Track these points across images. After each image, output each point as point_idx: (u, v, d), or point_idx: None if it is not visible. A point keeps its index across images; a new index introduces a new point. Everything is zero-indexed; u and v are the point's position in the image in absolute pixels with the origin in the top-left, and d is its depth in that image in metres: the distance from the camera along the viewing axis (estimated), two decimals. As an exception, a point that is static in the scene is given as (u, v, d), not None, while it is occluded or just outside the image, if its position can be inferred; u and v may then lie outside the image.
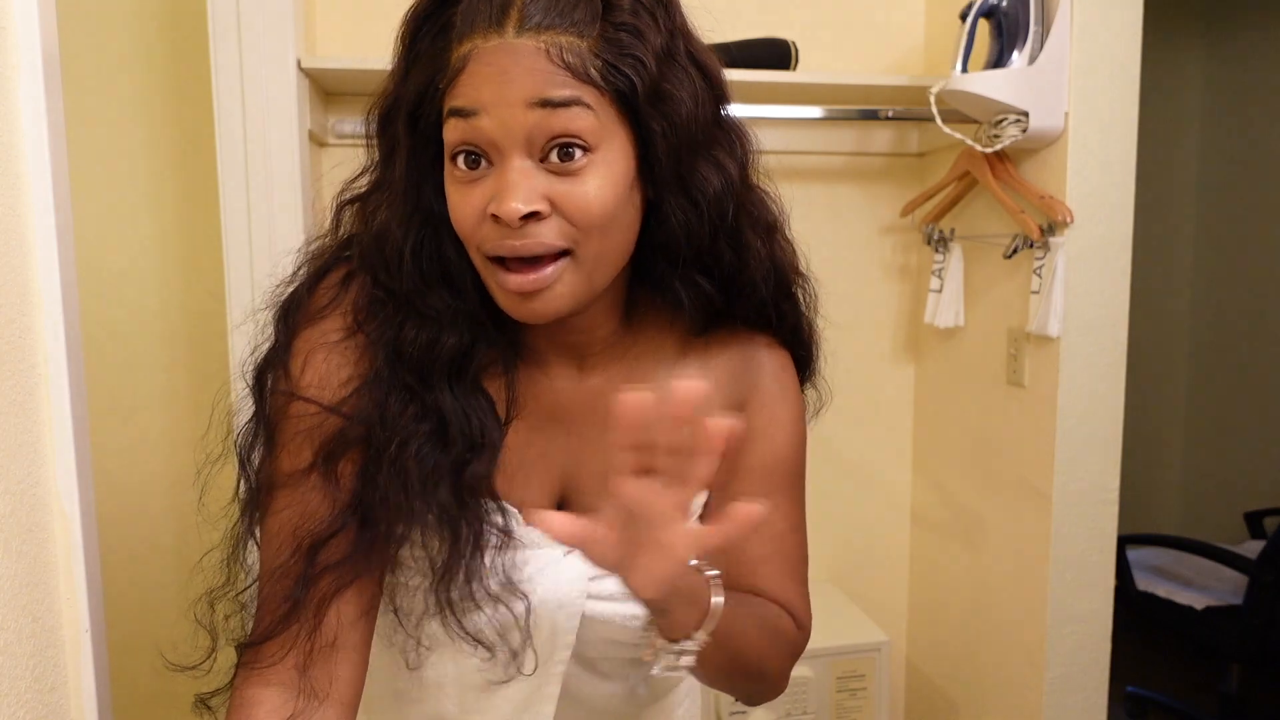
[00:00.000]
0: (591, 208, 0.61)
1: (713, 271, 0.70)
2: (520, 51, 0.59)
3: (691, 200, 0.66)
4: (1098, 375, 1.52)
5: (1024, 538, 1.62)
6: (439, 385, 0.67)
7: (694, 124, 0.64)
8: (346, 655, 0.66)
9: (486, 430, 0.69)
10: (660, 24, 0.63)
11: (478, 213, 0.62)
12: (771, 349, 0.79)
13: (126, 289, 1.65)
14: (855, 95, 1.68)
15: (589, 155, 0.61)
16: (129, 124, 1.62)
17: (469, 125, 0.61)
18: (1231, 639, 2.24)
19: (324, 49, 1.63)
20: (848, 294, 1.91)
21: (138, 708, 1.59)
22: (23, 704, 0.63)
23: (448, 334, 0.67)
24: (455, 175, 0.63)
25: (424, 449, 0.66)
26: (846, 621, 1.80)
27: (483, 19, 0.61)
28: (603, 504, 0.73)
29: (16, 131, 0.65)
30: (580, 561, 0.73)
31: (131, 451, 1.67)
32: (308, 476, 0.66)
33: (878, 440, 1.98)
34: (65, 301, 0.69)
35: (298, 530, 0.65)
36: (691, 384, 0.51)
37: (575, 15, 0.60)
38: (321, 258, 0.73)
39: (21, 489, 0.64)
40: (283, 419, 0.68)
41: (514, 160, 0.60)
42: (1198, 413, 3.38)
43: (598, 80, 0.60)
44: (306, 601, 0.64)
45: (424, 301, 0.67)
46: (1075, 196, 1.47)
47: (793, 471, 0.79)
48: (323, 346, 0.68)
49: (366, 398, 0.67)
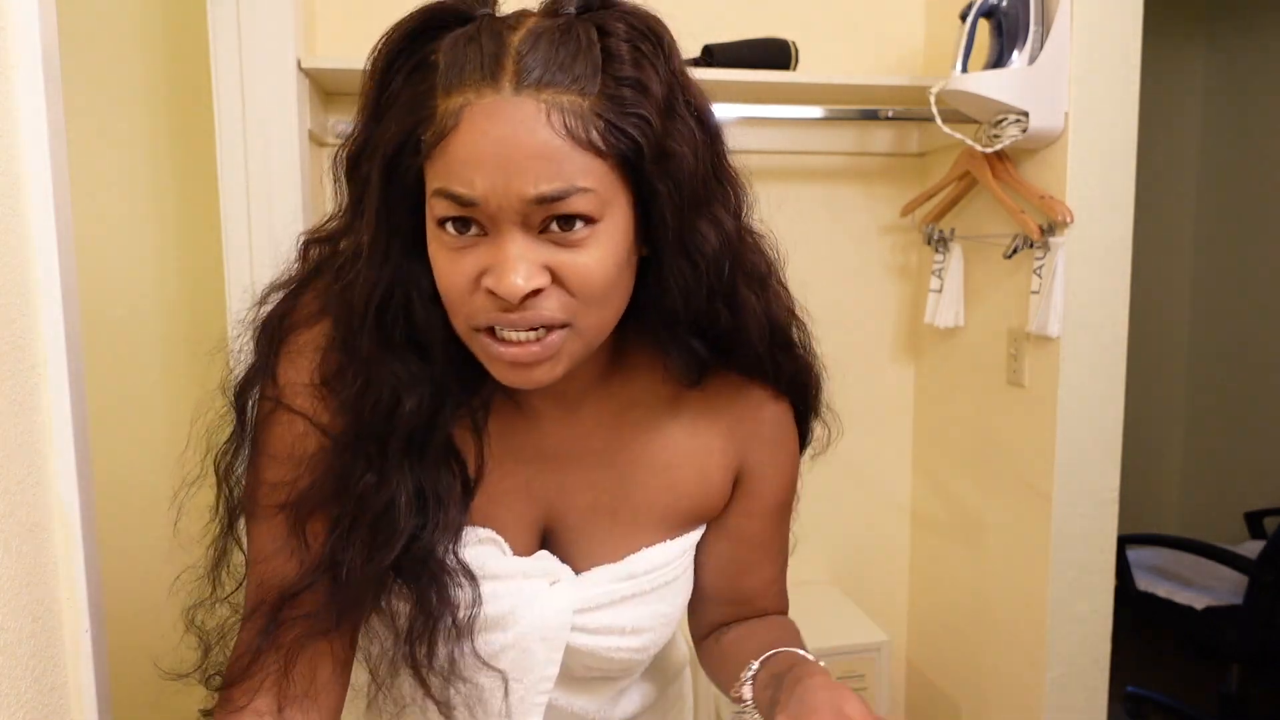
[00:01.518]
0: (593, 279, 0.58)
1: (708, 332, 0.68)
2: (519, 114, 0.54)
3: (690, 261, 0.63)
4: (1098, 375, 1.52)
5: (1024, 538, 1.62)
6: (397, 455, 0.64)
7: (695, 180, 0.61)
8: (321, 698, 0.65)
9: (445, 501, 0.66)
10: (660, 73, 0.59)
11: (469, 282, 0.58)
12: (774, 400, 0.78)
13: (126, 289, 1.65)
14: (855, 95, 1.68)
15: (591, 226, 0.58)
16: (129, 124, 1.62)
17: (463, 207, 0.56)
18: (1231, 639, 2.24)
19: (324, 49, 1.63)
20: (848, 294, 1.91)
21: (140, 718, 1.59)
22: (23, 704, 0.63)
23: (408, 399, 0.63)
24: (444, 240, 0.58)
25: (380, 521, 0.64)
26: (846, 621, 1.80)
27: (474, 69, 0.55)
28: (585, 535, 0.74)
29: (16, 131, 0.65)
30: (567, 593, 0.72)
31: (132, 451, 1.66)
32: (279, 520, 0.65)
33: (878, 440, 1.98)
34: (65, 301, 0.69)
35: (265, 580, 0.65)
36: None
37: (575, 70, 0.56)
38: (289, 285, 0.70)
39: (21, 489, 0.64)
40: (264, 441, 0.67)
41: (512, 233, 0.57)
42: (1198, 413, 3.38)
43: (600, 145, 0.56)
44: (274, 649, 0.63)
45: (384, 364, 0.63)
46: (1075, 196, 1.47)
47: (789, 505, 0.83)
48: (301, 385, 0.66)
49: (330, 460, 0.65)
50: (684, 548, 0.77)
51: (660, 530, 0.76)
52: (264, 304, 0.70)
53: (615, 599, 0.73)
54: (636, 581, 0.74)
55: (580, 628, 0.72)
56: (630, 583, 0.74)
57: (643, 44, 0.59)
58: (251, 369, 0.69)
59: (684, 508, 0.76)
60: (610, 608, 0.73)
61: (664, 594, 0.76)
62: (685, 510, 0.77)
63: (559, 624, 0.71)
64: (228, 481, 0.69)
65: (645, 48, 0.59)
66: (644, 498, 0.74)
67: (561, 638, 0.72)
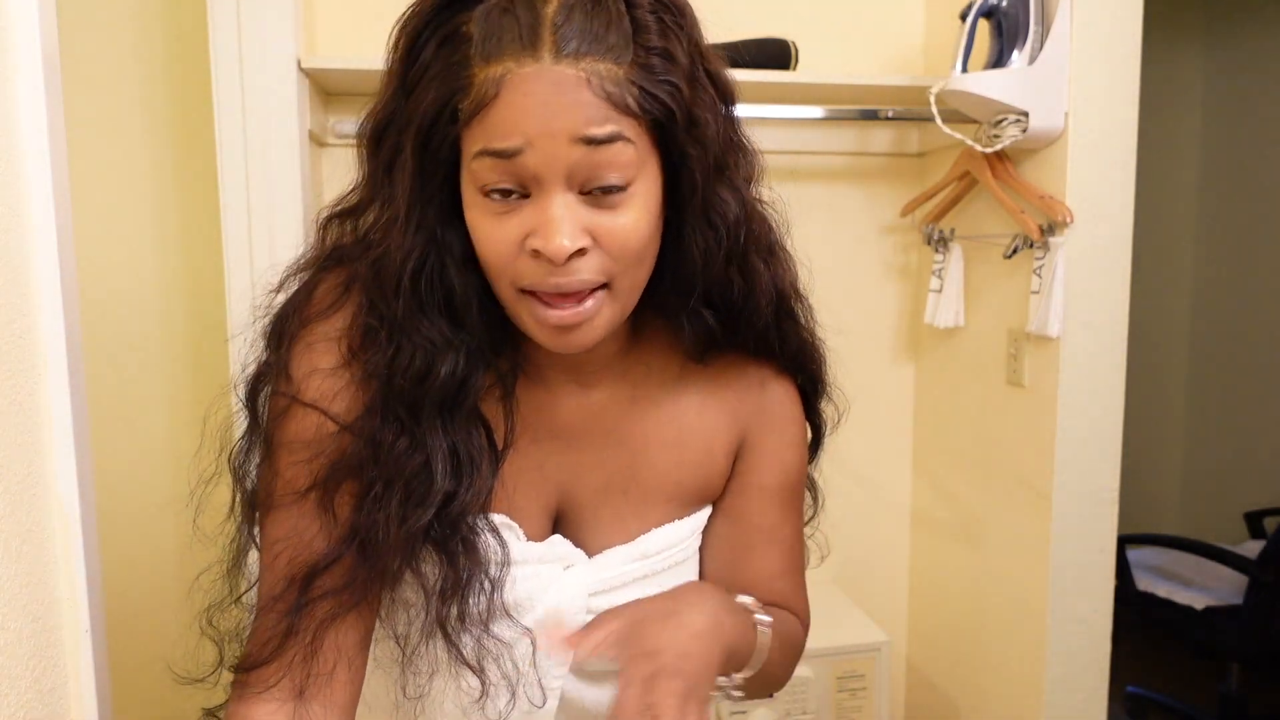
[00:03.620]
0: (630, 241, 0.61)
1: (719, 301, 0.70)
2: (562, 81, 0.57)
3: (712, 225, 0.65)
4: (1098, 375, 1.52)
5: (1024, 538, 1.62)
6: (430, 418, 0.65)
7: (717, 147, 0.64)
8: (342, 679, 0.65)
9: (478, 463, 0.67)
10: (683, 43, 0.62)
11: (513, 246, 0.60)
12: (776, 376, 0.79)
13: (126, 289, 1.65)
14: (855, 95, 1.68)
15: (628, 188, 0.60)
16: (129, 124, 1.62)
17: (509, 163, 0.58)
18: (1231, 639, 2.24)
19: (324, 49, 1.63)
20: (848, 294, 1.91)
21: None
22: (23, 704, 0.63)
23: (442, 364, 0.65)
24: (487, 206, 0.61)
25: (412, 484, 0.64)
26: (846, 621, 1.80)
27: (513, 40, 0.57)
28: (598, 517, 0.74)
29: (16, 131, 0.65)
30: (581, 577, 0.73)
31: (132, 451, 1.67)
32: (304, 501, 0.65)
33: (878, 440, 1.98)
34: (65, 301, 0.69)
35: (293, 559, 0.65)
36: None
37: (610, 40, 0.58)
38: (308, 269, 0.71)
39: (21, 489, 0.64)
40: (280, 435, 0.66)
41: (556, 194, 0.59)
42: (1198, 413, 3.38)
43: (636, 110, 0.59)
44: (303, 627, 0.63)
45: (419, 330, 0.64)
46: (1075, 196, 1.47)
47: (799, 489, 0.82)
48: (318, 372, 0.66)
49: (360, 429, 0.65)
50: (694, 527, 0.78)
51: (670, 509, 0.77)
52: (281, 290, 0.71)
53: (629, 580, 0.74)
54: (649, 561, 0.75)
55: (595, 611, 0.73)
56: (643, 563, 0.74)
57: (666, 15, 0.61)
58: (263, 365, 0.69)
59: (692, 486, 0.77)
60: (624, 589, 0.74)
61: (675, 574, 0.76)
62: (693, 488, 0.77)
63: (575, 608, 0.72)
64: (243, 480, 0.69)
65: (669, 19, 0.61)
66: (654, 476, 0.75)
67: (577, 622, 0.72)
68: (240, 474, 0.69)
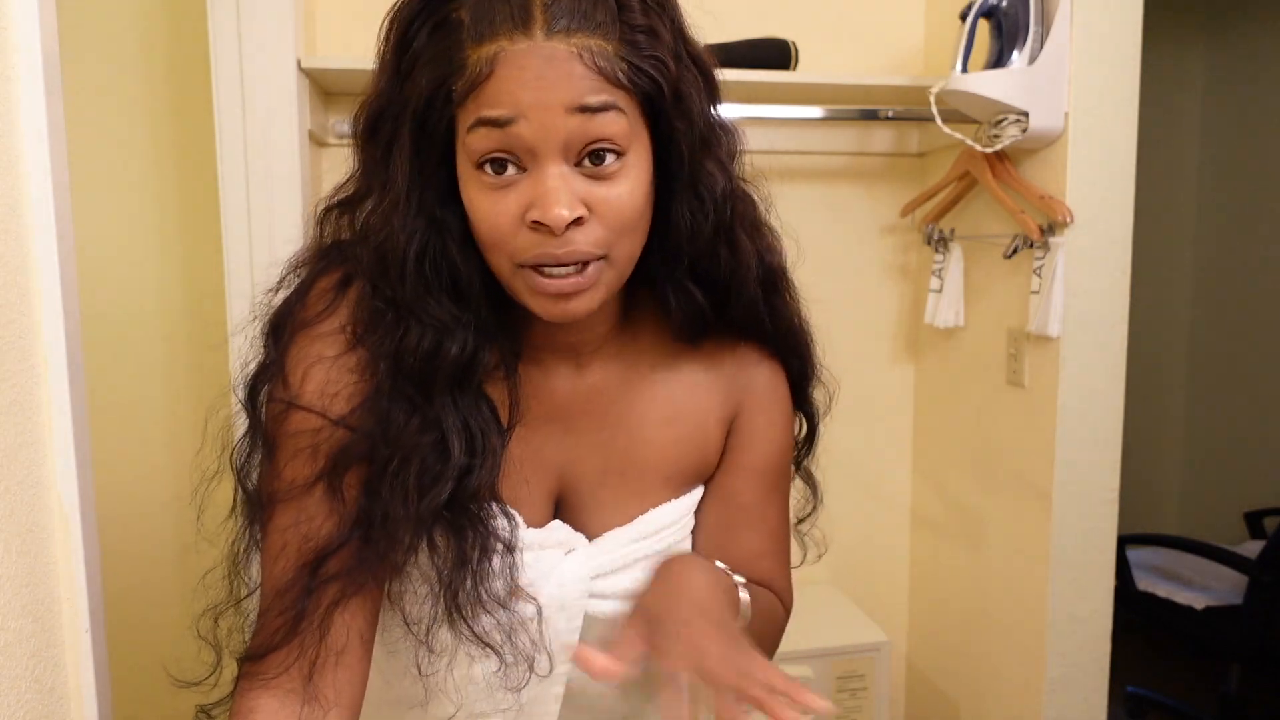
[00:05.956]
0: (625, 211, 0.63)
1: (707, 277, 0.71)
2: (555, 56, 0.59)
3: (699, 197, 0.67)
4: (1098, 375, 1.52)
5: (1024, 538, 1.62)
6: (441, 396, 0.67)
7: (702, 122, 0.66)
8: (351, 663, 0.66)
9: (489, 439, 0.69)
10: (667, 23, 0.64)
11: (512, 220, 0.62)
12: (765, 358, 0.80)
13: (126, 289, 1.65)
14: (855, 95, 1.68)
15: (621, 159, 0.62)
16: (129, 124, 1.62)
17: (504, 133, 0.59)
18: (1231, 639, 2.24)
19: (324, 49, 1.63)
20: (848, 294, 1.91)
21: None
22: (23, 704, 0.63)
23: (450, 342, 0.66)
24: (483, 181, 0.62)
25: (427, 461, 0.65)
26: (846, 621, 1.80)
27: (504, 20, 0.59)
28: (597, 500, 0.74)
29: (16, 131, 0.65)
30: (582, 561, 0.73)
31: (132, 451, 1.67)
32: (311, 490, 0.65)
33: (878, 440, 1.98)
34: (65, 301, 0.69)
35: (302, 544, 0.65)
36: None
37: (598, 17, 0.60)
38: (307, 265, 0.71)
39: (21, 489, 0.64)
40: (282, 432, 0.67)
41: (552, 166, 0.60)
42: (1198, 413, 3.38)
43: (626, 84, 0.61)
44: (312, 613, 0.64)
45: (426, 310, 0.66)
46: (1075, 196, 1.47)
47: (785, 472, 0.83)
48: (321, 361, 0.67)
49: (369, 411, 0.66)
50: (689, 506, 0.79)
51: (666, 489, 0.77)
52: (280, 289, 0.71)
53: (629, 561, 0.74)
54: (648, 542, 0.75)
55: (597, 594, 0.73)
56: (642, 544, 0.75)
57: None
58: (260, 368, 0.69)
59: (688, 465, 0.78)
60: (624, 571, 0.74)
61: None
62: (689, 467, 0.78)
63: (577, 593, 0.72)
64: (245, 480, 0.69)
65: (651, 1, 0.63)
66: (650, 456, 0.76)
67: (580, 605, 0.73)
68: (242, 473, 0.70)
